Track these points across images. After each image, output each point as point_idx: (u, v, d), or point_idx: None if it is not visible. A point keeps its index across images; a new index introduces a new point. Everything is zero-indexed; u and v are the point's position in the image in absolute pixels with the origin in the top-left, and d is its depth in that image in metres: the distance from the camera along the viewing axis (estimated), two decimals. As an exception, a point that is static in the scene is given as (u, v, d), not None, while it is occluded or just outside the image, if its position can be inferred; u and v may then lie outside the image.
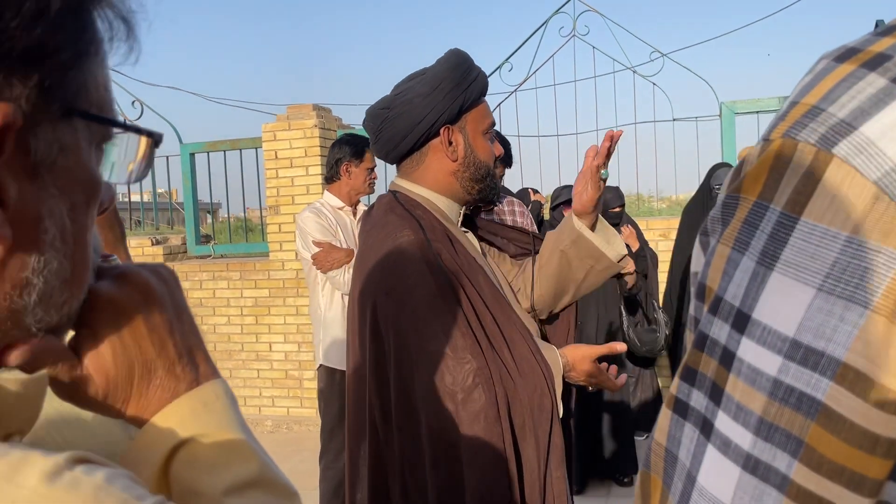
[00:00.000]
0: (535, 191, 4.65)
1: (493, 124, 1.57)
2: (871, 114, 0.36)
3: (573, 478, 1.54)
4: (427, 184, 1.53)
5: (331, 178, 3.35)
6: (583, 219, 1.53)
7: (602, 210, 1.55)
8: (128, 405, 0.49)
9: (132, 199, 6.71)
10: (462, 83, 1.46)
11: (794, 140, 0.38)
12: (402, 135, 1.48)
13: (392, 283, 1.40)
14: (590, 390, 1.57)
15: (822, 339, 0.36)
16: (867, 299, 0.35)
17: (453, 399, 1.30)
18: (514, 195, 3.47)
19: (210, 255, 5.96)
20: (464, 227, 1.60)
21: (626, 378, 1.52)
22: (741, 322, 0.39)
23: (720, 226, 0.42)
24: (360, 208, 3.41)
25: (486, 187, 1.54)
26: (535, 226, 3.44)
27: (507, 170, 3.24)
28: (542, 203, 4.52)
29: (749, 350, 0.39)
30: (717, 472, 0.40)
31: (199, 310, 5.64)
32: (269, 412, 5.53)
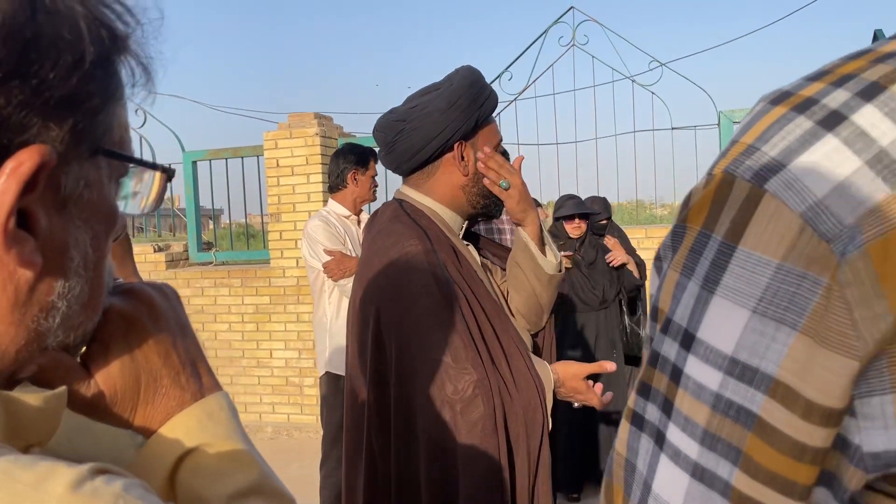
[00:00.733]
0: (536, 203, 4.67)
1: (501, 141, 1.61)
2: (798, 153, 0.40)
3: (557, 485, 1.56)
4: (435, 196, 1.55)
5: (336, 186, 3.38)
6: (524, 228, 1.57)
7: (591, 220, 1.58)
8: (135, 414, 0.52)
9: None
10: (477, 100, 1.49)
11: (732, 175, 0.42)
12: (417, 148, 1.50)
13: (397, 290, 1.41)
14: (575, 406, 1.59)
15: (757, 357, 0.40)
16: (795, 321, 0.38)
17: (452, 408, 1.32)
18: None
19: (212, 262, 5.99)
20: (465, 241, 1.62)
21: (611, 396, 1.55)
22: (687, 341, 0.43)
23: (671, 252, 0.45)
24: (364, 216, 3.44)
25: (491, 203, 1.57)
26: None
27: None
28: (546, 216, 4.52)
29: (694, 367, 0.42)
30: (669, 480, 0.43)
31: (200, 316, 5.67)
32: (270, 419, 5.55)
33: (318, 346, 3.43)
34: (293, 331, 5.45)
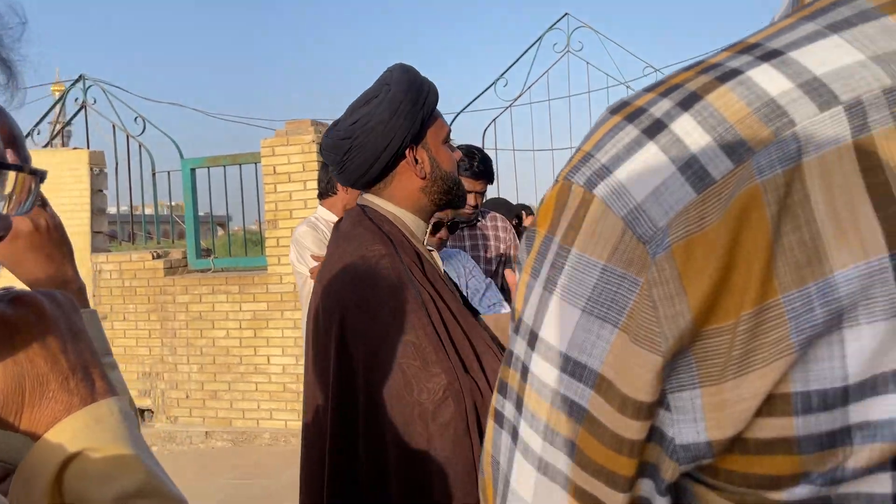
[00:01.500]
0: (528, 212, 4.68)
1: (450, 132, 1.60)
2: (623, 160, 0.42)
3: None
4: (396, 201, 1.55)
5: (325, 192, 3.39)
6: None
7: None
8: (21, 417, 0.52)
9: (134, 213, 6.81)
10: (418, 101, 1.48)
11: (570, 182, 0.44)
12: (369, 163, 1.49)
13: (362, 296, 1.40)
14: None
15: (585, 354, 0.42)
16: (617, 319, 0.40)
17: (423, 412, 1.31)
18: (504, 205, 3.49)
19: (210, 269, 6.03)
20: (429, 247, 1.63)
21: None
22: (532, 340, 0.45)
23: (525, 255, 0.47)
24: (352, 223, 3.45)
25: (454, 197, 1.56)
26: (517, 239, 3.47)
27: (488, 185, 3.26)
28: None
29: (537, 364, 0.44)
30: (522, 475, 0.45)
31: (198, 323, 5.70)
32: (267, 425, 5.57)
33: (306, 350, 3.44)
34: (290, 337, 5.47)
